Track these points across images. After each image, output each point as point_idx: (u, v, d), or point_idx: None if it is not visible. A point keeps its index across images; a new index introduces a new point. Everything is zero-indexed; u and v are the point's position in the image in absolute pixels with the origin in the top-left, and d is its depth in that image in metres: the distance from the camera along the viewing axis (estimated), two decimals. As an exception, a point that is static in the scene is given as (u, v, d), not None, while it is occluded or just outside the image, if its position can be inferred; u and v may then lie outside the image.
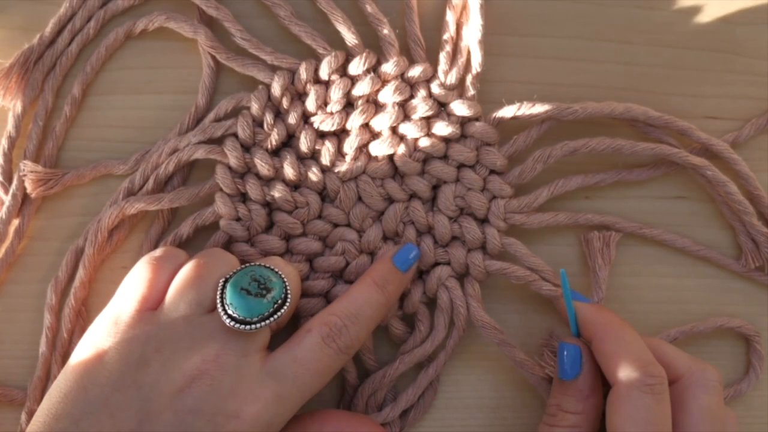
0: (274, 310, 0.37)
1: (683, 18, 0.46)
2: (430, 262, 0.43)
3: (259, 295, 0.37)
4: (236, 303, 0.36)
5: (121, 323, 0.37)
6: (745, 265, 0.46)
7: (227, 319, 0.36)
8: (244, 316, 0.36)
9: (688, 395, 0.38)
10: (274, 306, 0.37)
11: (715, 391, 0.39)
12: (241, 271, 0.38)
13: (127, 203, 0.42)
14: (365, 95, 0.42)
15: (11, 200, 0.43)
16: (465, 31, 0.43)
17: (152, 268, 0.38)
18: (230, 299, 0.37)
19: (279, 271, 0.38)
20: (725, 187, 0.44)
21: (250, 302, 0.37)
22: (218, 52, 0.43)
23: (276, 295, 0.37)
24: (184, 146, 0.42)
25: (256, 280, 0.37)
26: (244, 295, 0.37)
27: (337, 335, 0.38)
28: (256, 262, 0.39)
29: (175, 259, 0.39)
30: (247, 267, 0.38)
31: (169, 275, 0.39)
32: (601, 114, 0.43)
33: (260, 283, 0.37)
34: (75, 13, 0.43)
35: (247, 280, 0.37)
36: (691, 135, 0.44)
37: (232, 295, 0.37)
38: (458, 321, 0.43)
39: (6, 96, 0.42)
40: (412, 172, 0.43)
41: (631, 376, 0.37)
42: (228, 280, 0.38)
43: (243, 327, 0.36)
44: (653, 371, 0.38)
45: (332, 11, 0.43)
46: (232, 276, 0.38)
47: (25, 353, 0.43)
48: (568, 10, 0.45)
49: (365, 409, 0.44)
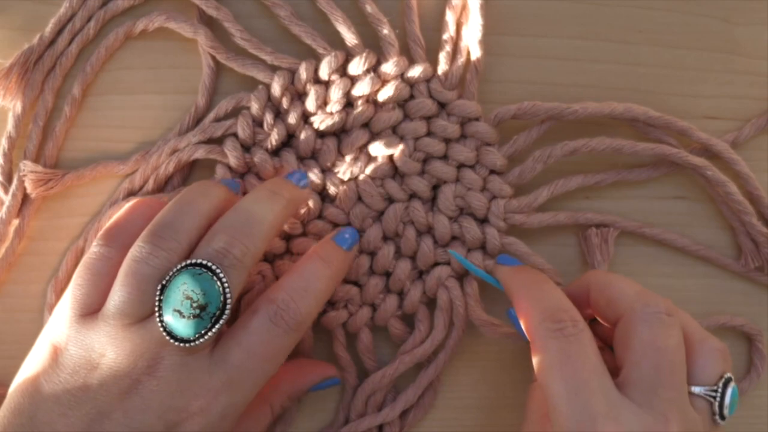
0: (213, 323, 0.35)
1: (683, 18, 0.46)
2: (429, 262, 0.43)
3: (192, 317, 0.34)
4: (171, 324, 0.34)
5: (66, 330, 0.36)
6: (744, 265, 0.46)
7: (166, 336, 0.35)
8: (182, 336, 0.34)
9: (630, 330, 0.37)
10: (212, 320, 0.35)
11: (658, 323, 0.36)
12: (174, 281, 0.35)
13: (127, 203, 0.42)
14: (365, 95, 0.42)
15: (11, 200, 0.42)
16: (465, 31, 0.43)
17: (87, 274, 0.37)
18: (166, 320, 0.35)
19: (216, 267, 0.35)
20: (725, 187, 0.44)
21: (186, 324, 0.34)
22: (218, 52, 0.43)
23: (212, 309, 0.35)
24: (184, 146, 0.42)
25: (188, 297, 0.34)
26: (178, 317, 0.34)
27: (285, 312, 0.36)
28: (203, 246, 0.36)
29: (110, 260, 0.37)
30: (181, 271, 0.35)
31: (108, 275, 0.37)
32: (601, 114, 0.43)
33: (193, 301, 0.34)
34: (75, 13, 0.43)
35: (180, 299, 0.34)
36: (691, 135, 0.44)
37: (167, 315, 0.35)
38: (458, 321, 0.43)
39: (6, 96, 0.42)
40: (412, 172, 0.43)
41: (539, 327, 0.37)
42: (164, 290, 0.35)
43: (183, 345, 0.35)
44: (560, 316, 0.36)
45: (332, 11, 0.43)
46: (167, 284, 0.35)
47: (25, 353, 0.43)
48: (568, 10, 0.45)
49: (364, 409, 0.44)
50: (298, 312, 0.37)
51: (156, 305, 0.35)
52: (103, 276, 0.37)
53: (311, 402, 0.45)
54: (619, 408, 0.34)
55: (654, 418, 0.34)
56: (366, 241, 0.43)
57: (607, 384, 0.35)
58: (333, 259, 0.40)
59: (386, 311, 0.43)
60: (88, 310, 0.37)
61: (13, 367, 0.43)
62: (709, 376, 0.37)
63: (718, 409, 0.36)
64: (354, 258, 0.42)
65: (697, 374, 0.37)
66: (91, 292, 0.37)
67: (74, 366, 0.35)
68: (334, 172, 0.43)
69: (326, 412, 0.45)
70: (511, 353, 0.45)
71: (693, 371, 0.37)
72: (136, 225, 0.38)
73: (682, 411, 0.35)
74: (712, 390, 0.36)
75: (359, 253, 0.43)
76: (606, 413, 0.34)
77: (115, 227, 0.38)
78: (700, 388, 0.36)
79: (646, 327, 0.36)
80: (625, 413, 0.34)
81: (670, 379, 0.35)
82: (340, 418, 0.44)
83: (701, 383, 0.36)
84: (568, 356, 0.35)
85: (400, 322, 0.44)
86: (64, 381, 0.35)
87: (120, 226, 0.38)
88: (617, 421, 0.34)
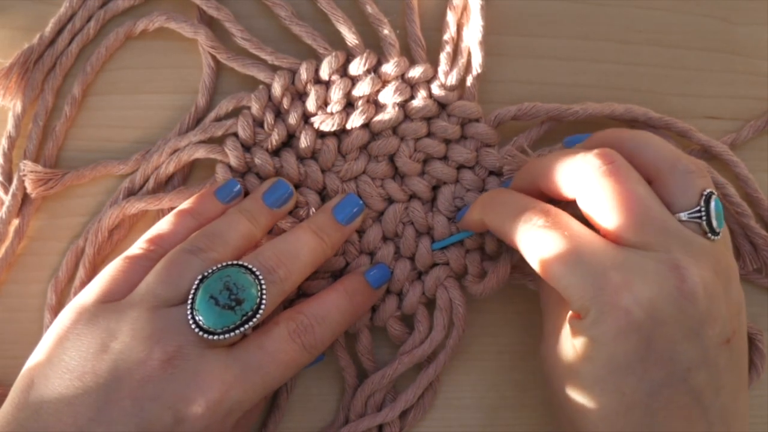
0: (241, 322, 0.36)
1: (683, 18, 0.46)
2: (428, 264, 0.43)
3: (227, 307, 0.35)
4: (203, 311, 0.35)
5: (84, 312, 0.36)
6: (743, 267, 0.46)
7: (192, 324, 0.35)
8: (208, 326, 0.35)
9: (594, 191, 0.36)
10: (242, 318, 0.36)
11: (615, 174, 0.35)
12: (218, 273, 0.36)
13: (127, 203, 0.42)
14: (366, 95, 0.42)
15: (11, 200, 0.42)
16: (465, 32, 0.43)
17: (122, 266, 0.38)
18: (198, 304, 0.35)
19: (261, 276, 0.37)
20: (723, 189, 0.44)
21: (216, 313, 0.35)
22: (219, 52, 0.43)
23: (246, 307, 0.36)
24: (185, 146, 0.42)
25: (228, 288, 0.36)
26: (212, 304, 0.35)
27: (303, 333, 0.38)
28: (253, 255, 0.38)
29: (150, 261, 0.38)
30: (227, 267, 0.37)
31: (141, 274, 0.38)
32: (602, 115, 0.43)
33: (231, 293, 0.36)
34: (75, 13, 0.43)
35: (219, 287, 0.36)
36: (691, 137, 0.44)
37: (201, 300, 0.36)
38: (457, 321, 0.43)
39: (6, 96, 0.42)
40: (412, 172, 0.43)
41: (515, 230, 0.37)
42: (204, 280, 0.36)
43: (206, 336, 0.35)
44: (530, 215, 0.36)
45: (333, 11, 0.43)
46: (209, 275, 0.36)
47: (25, 353, 0.43)
48: (568, 10, 0.45)
49: (364, 409, 0.44)
50: (313, 336, 0.38)
51: (191, 294, 0.36)
52: (137, 271, 0.38)
53: (311, 402, 0.45)
54: (623, 255, 0.34)
55: (656, 254, 0.34)
56: (366, 242, 0.43)
57: (599, 243, 0.35)
58: (358, 295, 0.41)
59: (385, 312, 0.43)
60: (111, 298, 0.37)
61: (13, 367, 0.43)
62: (690, 199, 0.36)
63: (707, 226, 0.36)
64: (380, 296, 0.43)
65: (677, 203, 0.36)
66: (120, 281, 0.38)
67: (84, 348, 0.35)
68: (334, 172, 0.43)
69: (326, 412, 0.45)
70: (510, 353, 0.45)
71: (672, 201, 0.36)
72: (179, 235, 0.39)
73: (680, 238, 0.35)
74: (696, 211, 0.36)
75: (359, 253, 0.43)
76: (612, 265, 0.34)
77: (158, 237, 0.39)
78: (683, 213, 0.36)
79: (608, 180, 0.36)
80: (630, 257, 0.34)
81: (650, 214, 0.35)
82: (339, 418, 0.44)
83: (684, 209, 0.36)
84: (553, 242, 0.35)
85: (399, 322, 0.44)
86: (73, 369, 0.35)
87: (163, 237, 0.39)
88: (625, 267, 0.34)
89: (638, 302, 0.33)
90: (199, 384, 0.35)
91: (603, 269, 0.34)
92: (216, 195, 0.41)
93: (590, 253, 0.35)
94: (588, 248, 0.35)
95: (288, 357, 0.37)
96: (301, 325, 0.38)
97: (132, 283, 0.37)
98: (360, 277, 0.42)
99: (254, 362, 0.36)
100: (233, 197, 0.42)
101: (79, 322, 0.36)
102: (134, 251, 0.39)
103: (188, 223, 0.40)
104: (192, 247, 0.38)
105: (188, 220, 0.40)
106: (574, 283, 0.34)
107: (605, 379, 0.34)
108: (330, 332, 0.39)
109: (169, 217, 0.40)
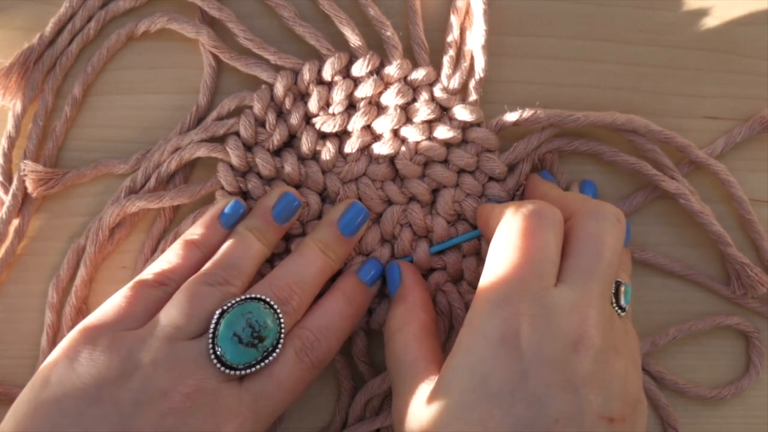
0: (263, 357, 0.37)
1: (683, 18, 0.46)
2: (425, 267, 0.43)
3: (250, 345, 0.36)
4: (225, 347, 0.36)
5: (100, 337, 0.36)
6: (733, 292, 0.46)
7: (214, 359, 0.36)
8: (232, 362, 0.36)
9: (578, 224, 0.37)
10: (263, 354, 0.37)
11: (606, 221, 0.37)
12: (239, 308, 0.37)
13: (128, 201, 0.42)
14: (367, 97, 0.42)
15: (11, 200, 0.42)
16: (468, 36, 0.43)
17: (136, 293, 0.38)
18: (221, 341, 0.36)
19: (278, 309, 0.37)
20: (699, 218, 0.44)
21: (240, 350, 0.36)
22: (222, 52, 0.43)
23: (268, 344, 0.37)
24: (186, 144, 0.42)
25: (251, 326, 0.36)
26: (236, 342, 0.36)
27: (310, 350, 0.38)
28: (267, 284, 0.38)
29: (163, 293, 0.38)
30: (247, 301, 0.37)
31: (156, 304, 0.38)
32: (603, 123, 0.43)
33: (254, 330, 0.36)
34: (75, 13, 0.43)
35: (242, 325, 0.36)
36: (689, 153, 0.44)
37: (224, 337, 0.36)
38: (457, 325, 0.43)
39: (6, 96, 0.42)
40: (412, 175, 0.43)
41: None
42: (224, 314, 0.37)
43: (227, 371, 0.36)
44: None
45: (335, 13, 0.42)
46: (229, 309, 0.37)
47: (25, 353, 0.43)
48: (568, 10, 0.45)
49: (363, 413, 0.44)
50: (320, 350, 0.39)
51: (212, 328, 0.36)
52: (154, 301, 0.38)
53: (308, 405, 0.45)
54: (549, 292, 0.35)
55: (581, 298, 0.34)
56: (364, 244, 0.43)
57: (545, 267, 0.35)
58: (356, 296, 0.41)
59: (382, 315, 0.43)
60: (128, 326, 0.37)
61: (14, 367, 0.43)
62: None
63: (615, 303, 0.37)
64: (375, 292, 0.43)
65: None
66: (136, 309, 0.37)
67: (102, 374, 0.35)
68: (334, 173, 0.43)
69: (323, 414, 0.45)
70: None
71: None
72: (190, 268, 0.39)
73: (604, 304, 0.35)
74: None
75: (357, 254, 0.43)
76: (533, 296, 0.34)
77: (170, 270, 0.39)
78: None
79: (594, 221, 0.37)
80: (556, 294, 0.34)
81: (607, 270, 0.36)
82: (336, 421, 0.44)
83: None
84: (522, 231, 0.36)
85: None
86: (91, 395, 0.34)
87: (174, 270, 0.39)
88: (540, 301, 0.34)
89: (531, 332, 0.34)
90: (216, 419, 0.35)
91: (522, 294, 0.34)
92: (222, 224, 0.41)
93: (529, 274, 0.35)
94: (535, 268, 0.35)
95: (297, 379, 0.38)
96: (307, 342, 0.38)
97: (148, 312, 0.37)
98: (355, 278, 0.42)
99: (266, 392, 0.37)
100: (239, 220, 0.41)
101: (96, 346, 0.36)
102: (146, 277, 0.39)
103: (196, 254, 0.40)
104: (211, 280, 0.38)
105: (195, 251, 0.40)
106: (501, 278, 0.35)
107: (471, 407, 0.33)
108: (336, 341, 0.40)
109: (177, 248, 0.40)
